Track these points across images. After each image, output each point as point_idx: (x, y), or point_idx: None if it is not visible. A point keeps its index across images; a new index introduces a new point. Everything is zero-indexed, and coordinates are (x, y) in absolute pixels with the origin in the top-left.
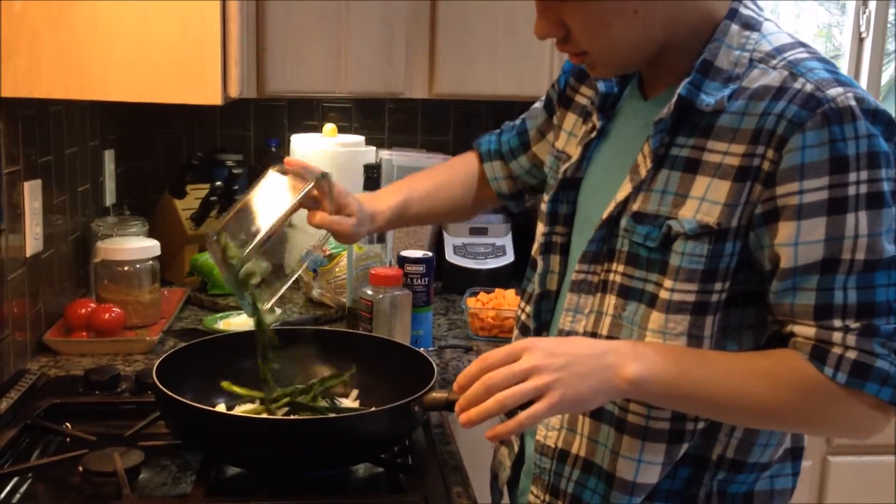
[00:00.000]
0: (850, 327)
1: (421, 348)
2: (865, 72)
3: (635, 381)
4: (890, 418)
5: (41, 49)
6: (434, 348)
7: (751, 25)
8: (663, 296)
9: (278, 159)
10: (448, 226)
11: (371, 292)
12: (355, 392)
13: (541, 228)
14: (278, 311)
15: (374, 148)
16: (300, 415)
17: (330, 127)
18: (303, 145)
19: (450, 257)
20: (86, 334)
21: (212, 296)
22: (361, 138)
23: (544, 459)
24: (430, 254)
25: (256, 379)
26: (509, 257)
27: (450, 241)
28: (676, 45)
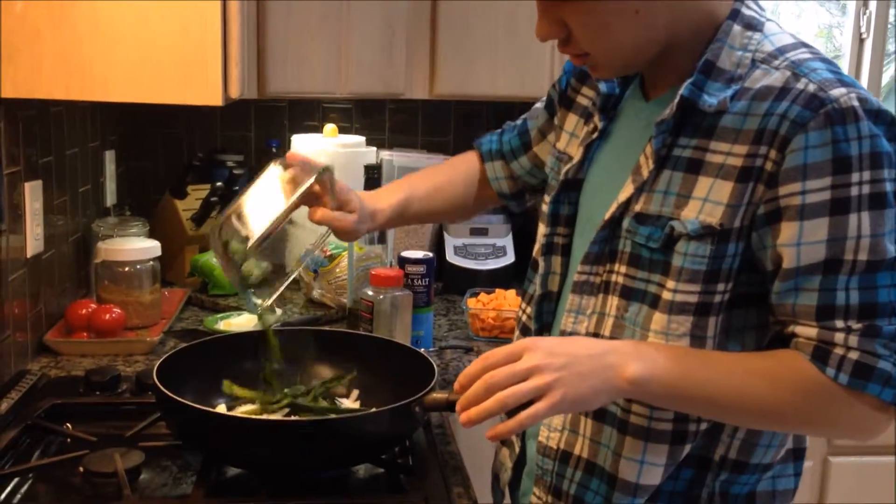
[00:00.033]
0: (852, 328)
1: (421, 349)
2: (866, 73)
3: (636, 380)
4: (891, 419)
5: (42, 49)
6: (434, 349)
7: (753, 26)
8: (666, 297)
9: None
10: (448, 226)
11: (371, 293)
12: (356, 393)
13: (542, 229)
14: (279, 311)
15: (374, 148)
16: (301, 415)
17: (330, 127)
18: (303, 146)
19: (450, 258)
20: (86, 335)
21: (212, 296)
22: (362, 139)
23: (546, 461)
24: (431, 254)
25: (257, 379)
26: (510, 258)
27: (450, 241)
28: (678, 45)
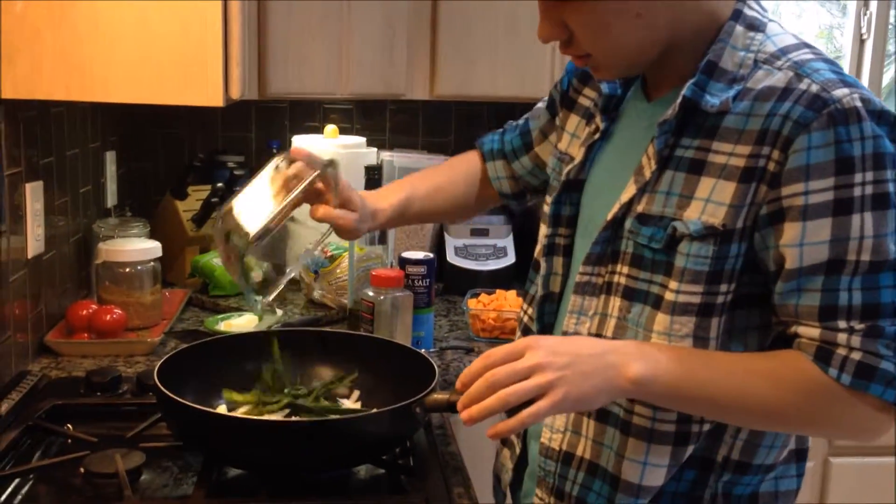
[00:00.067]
0: (854, 328)
1: (422, 349)
2: (866, 73)
3: (639, 380)
4: (894, 420)
5: (42, 50)
6: (435, 349)
7: (755, 26)
8: (668, 297)
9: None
10: (449, 227)
11: (372, 293)
12: (357, 393)
13: (544, 230)
14: (279, 312)
15: (375, 149)
16: (301, 416)
17: (331, 128)
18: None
19: (451, 258)
20: (87, 336)
21: (213, 297)
22: (363, 139)
23: (549, 462)
24: (432, 255)
25: (258, 380)
26: (510, 258)
27: (451, 242)
28: (680, 46)
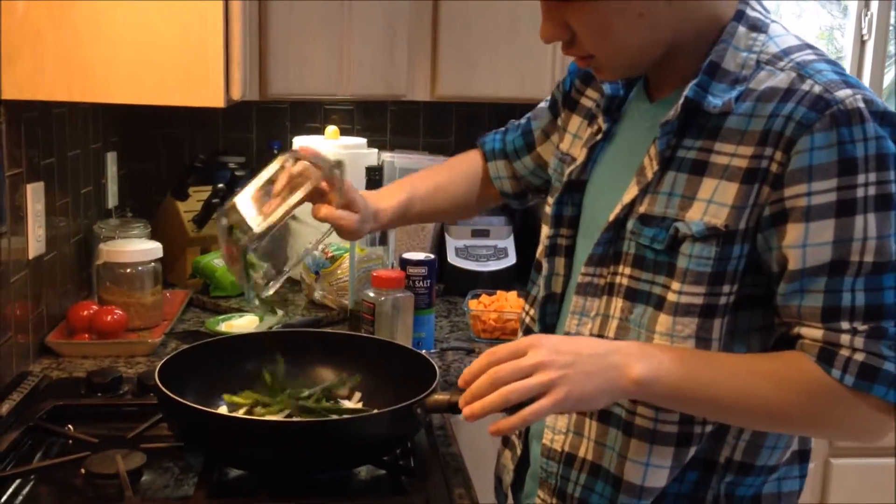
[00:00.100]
0: (857, 329)
1: (423, 350)
2: (867, 75)
3: (641, 381)
4: None
5: (43, 51)
6: (436, 350)
7: (758, 27)
8: (671, 298)
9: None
10: (450, 228)
11: (373, 294)
12: (357, 394)
13: (545, 231)
14: (280, 312)
15: (376, 150)
16: (302, 417)
17: (332, 129)
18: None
19: (452, 259)
20: (88, 336)
21: (214, 298)
22: (363, 140)
23: (551, 463)
24: (432, 256)
25: (258, 381)
26: (511, 259)
27: (451, 243)
28: (683, 47)
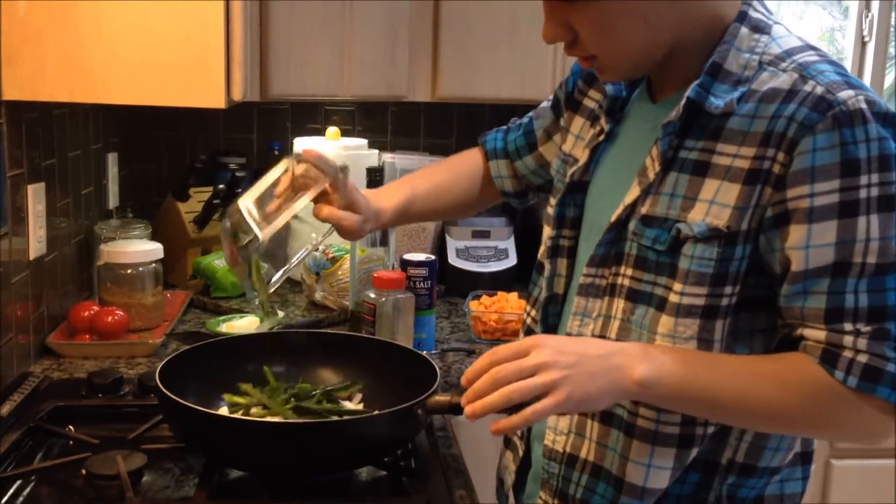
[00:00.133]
0: (861, 331)
1: (423, 351)
2: (868, 76)
3: (643, 382)
4: None
5: (44, 52)
6: (437, 351)
7: (760, 28)
8: (673, 299)
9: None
10: (450, 229)
11: (374, 295)
12: (358, 395)
13: (548, 232)
14: (281, 313)
15: (377, 151)
16: (303, 418)
17: (333, 130)
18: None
19: (452, 260)
20: (89, 337)
21: (215, 298)
22: (364, 141)
23: (553, 464)
24: (433, 257)
25: (259, 382)
26: (512, 260)
27: (452, 244)
28: (685, 48)
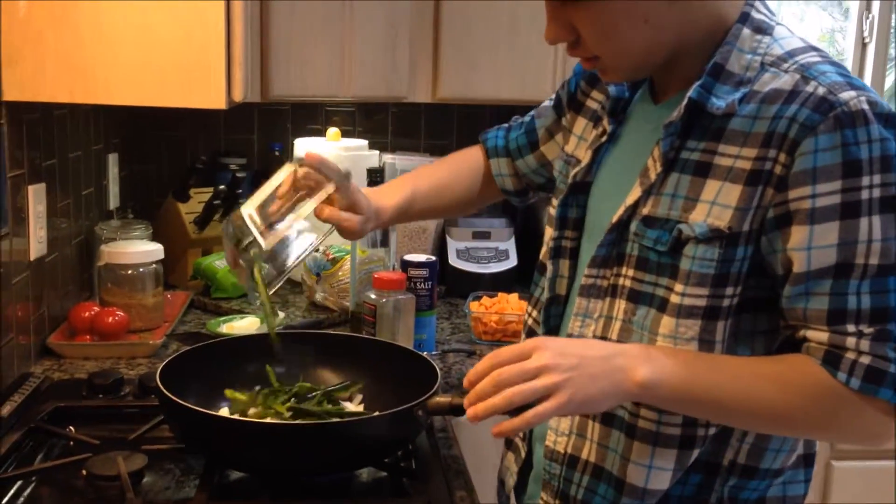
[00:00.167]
0: (863, 332)
1: (424, 352)
2: (868, 77)
3: (645, 384)
4: None
5: (45, 52)
6: (437, 352)
7: (762, 29)
8: (674, 300)
9: (281, 163)
10: (451, 230)
11: (374, 296)
12: (359, 396)
13: (550, 232)
14: (281, 314)
15: (377, 152)
16: (304, 419)
17: (333, 131)
18: (306, 149)
19: (453, 261)
20: (89, 338)
21: (215, 299)
22: (365, 142)
23: (554, 465)
24: (434, 258)
25: (260, 382)
26: (512, 261)
27: (453, 245)
28: (688, 49)
